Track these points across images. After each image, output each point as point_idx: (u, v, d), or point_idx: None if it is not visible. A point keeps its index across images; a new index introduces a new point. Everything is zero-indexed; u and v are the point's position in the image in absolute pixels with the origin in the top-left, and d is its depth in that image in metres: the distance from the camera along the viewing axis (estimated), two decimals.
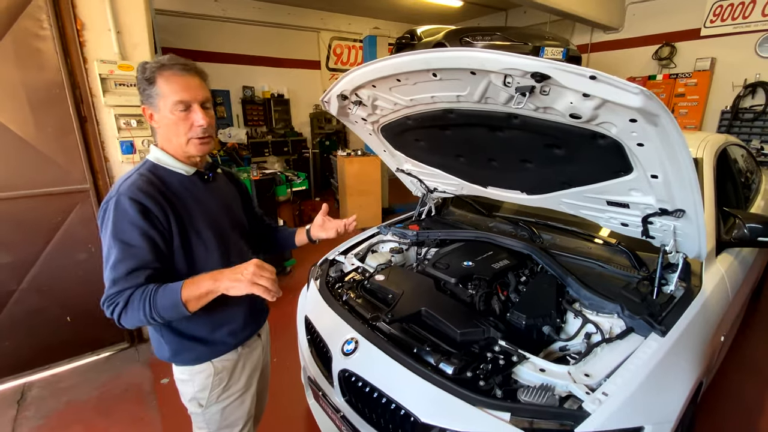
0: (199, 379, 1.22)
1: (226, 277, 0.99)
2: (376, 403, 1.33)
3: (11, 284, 2.39)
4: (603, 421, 1.05)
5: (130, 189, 1.04)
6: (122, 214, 1.01)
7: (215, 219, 1.21)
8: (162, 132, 1.13)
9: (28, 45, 2.17)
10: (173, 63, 1.06)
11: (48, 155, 2.33)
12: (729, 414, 2.13)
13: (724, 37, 5.61)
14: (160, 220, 1.05)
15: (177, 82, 1.06)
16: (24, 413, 2.27)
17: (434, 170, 2.12)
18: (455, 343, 1.39)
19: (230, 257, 1.23)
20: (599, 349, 1.29)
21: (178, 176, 1.16)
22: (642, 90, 0.92)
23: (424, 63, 1.21)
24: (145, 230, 1.02)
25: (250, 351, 1.33)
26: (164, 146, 1.16)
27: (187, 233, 1.12)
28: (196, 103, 1.08)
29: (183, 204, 1.13)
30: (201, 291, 1.00)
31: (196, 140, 1.11)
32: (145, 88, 1.07)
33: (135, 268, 1.01)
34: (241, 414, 1.31)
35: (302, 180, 4.01)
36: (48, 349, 2.56)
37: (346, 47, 8.73)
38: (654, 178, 1.24)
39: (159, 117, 1.10)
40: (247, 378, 1.32)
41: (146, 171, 1.11)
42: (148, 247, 1.03)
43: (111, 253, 1.01)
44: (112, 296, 1.00)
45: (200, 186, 1.20)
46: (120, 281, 1.00)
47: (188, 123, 1.09)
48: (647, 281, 1.55)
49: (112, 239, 1.01)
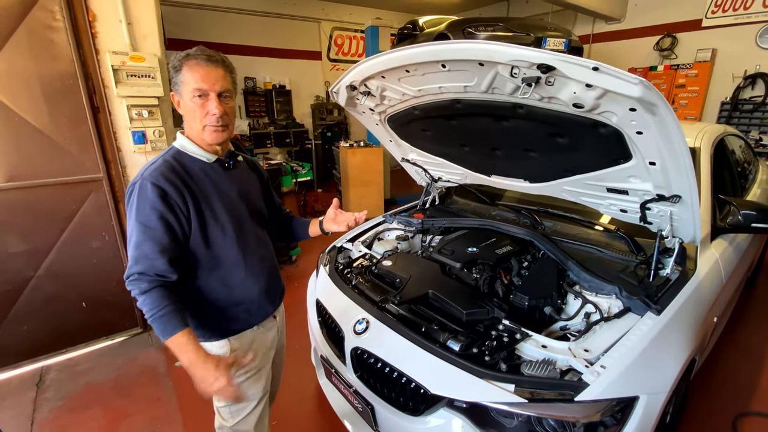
0: (220, 352, 1.29)
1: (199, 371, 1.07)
2: (387, 378, 1.41)
3: (28, 271, 2.47)
4: (601, 391, 1.13)
5: (153, 174, 1.13)
6: (144, 197, 1.11)
7: (233, 205, 1.28)
8: (185, 118, 1.21)
9: (41, 36, 2.21)
10: (199, 53, 1.13)
11: (62, 145, 2.39)
12: (721, 391, 2.22)
13: (725, 28, 5.62)
14: (179, 204, 1.14)
15: (199, 71, 1.12)
16: (43, 395, 2.36)
17: (439, 160, 2.18)
18: (461, 322, 1.46)
19: (247, 242, 1.31)
20: (598, 327, 1.37)
21: (200, 163, 1.23)
22: (641, 80, 0.98)
23: (434, 54, 1.27)
24: (163, 214, 1.11)
25: (265, 330, 1.40)
26: (188, 133, 1.23)
27: (204, 217, 1.20)
28: (213, 93, 1.14)
29: (202, 189, 1.20)
30: (178, 352, 1.09)
31: (211, 128, 1.18)
32: (172, 76, 1.15)
33: (157, 249, 1.10)
34: (258, 390, 1.38)
35: (307, 170, 4.06)
36: (64, 334, 2.64)
37: (347, 37, 8.70)
38: (652, 164, 1.31)
39: (183, 104, 1.18)
40: (262, 356, 1.39)
41: (170, 157, 1.19)
42: (165, 230, 1.12)
43: (133, 233, 1.12)
44: (133, 277, 1.10)
45: (220, 173, 1.27)
46: (141, 260, 1.10)
47: (204, 110, 1.15)
48: (644, 265, 1.62)
49: (135, 221, 1.11)
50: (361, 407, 1.52)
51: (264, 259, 1.38)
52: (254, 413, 1.39)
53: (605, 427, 1.14)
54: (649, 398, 1.18)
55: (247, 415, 1.37)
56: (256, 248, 1.34)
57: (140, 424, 2.11)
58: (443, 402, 1.28)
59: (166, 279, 1.12)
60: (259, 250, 1.35)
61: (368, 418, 1.50)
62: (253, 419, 1.39)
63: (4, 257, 2.38)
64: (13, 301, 2.46)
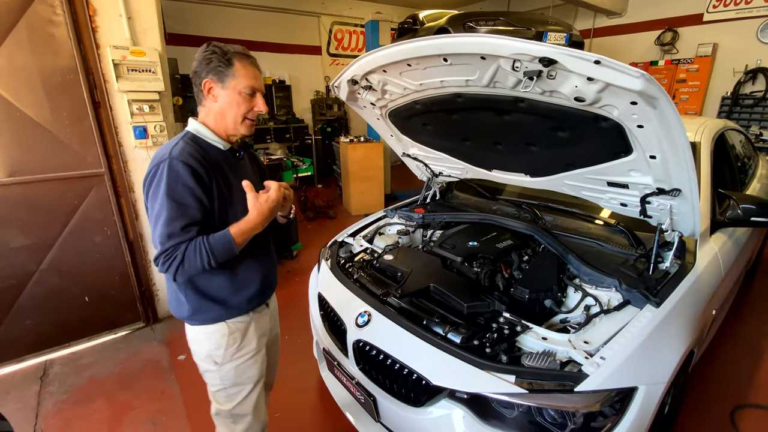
0: (215, 337, 1.32)
1: (259, 213, 1.19)
2: (389, 370, 1.43)
3: (31, 265, 2.48)
4: (600, 381, 1.14)
5: (182, 154, 1.15)
6: (175, 175, 1.13)
7: (243, 193, 1.30)
8: (218, 107, 1.22)
9: (42, 31, 2.21)
10: (248, 55, 1.23)
11: (63, 140, 2.39)
12: (720, 383, 2.24)
13: (726, 22, 5.61)
14: (207, 184, 1.18)
15: (251, 71, 1.22)
16: (47, 388, 2.38)
17: (440, 154, 2.18)
18: (462, 315, 1.48)
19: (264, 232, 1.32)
20: (598, 319, 1.38)
21: (216, 149, 1.27)
22: (642, 74, 0.99)
23: (436, 48, 1.27)
24: (195, 191, 1.15)
25: (260, 316, 1.44)
26: (206, 120, 1.26)
27: (224, 199, 1.24)
28: (260, 92, 1.25)
29: (222, 173, 1.25)
30: (250, 232, 1.19)
31: (249, 121, 1.27)
32: (218, 66, 1.17)
33: (187, 224, 1.13)
34: (253, 373, 1.41)
35: (307, 166, 4.07)
36: (68, 328, 2.66)
37: (347, 32, 8.66)
38: (652, 158, 1.32)
39: (223, 94, 1.20)
40: (257, 340, 1.41)
41: (190, 140, 1.22)
42: (198, 206, 1.16)
43: (163, 210, 1.12)
44: (169, 251, 1.11)
45: (232, 161, 1.31)
46: (175, 236, 1.12)
47: (250, 105, 1.24)
48: (644, 258, 1.63)
49: (166, 198, 1.12)
50: (364, 399, 1.54)
51: (267, 248, 1.43)
52: (251, 397, 1.41)
53: (604, 417, 1.16)
54: (647, 389, 1.20)
55: (243, 399, 1.40)
56: (261, 237, 1.36)
57: (144, 417, 2.13)
58: (445, 393, 1.29)
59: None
60: (263, 239, 1.38)
61: (370, 409, 1.52)
62: (250, 403, 1.41)
63: (7, 252, 2.39)
64: (16, 296, 2.48)
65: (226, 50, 1.18)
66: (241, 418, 1.42)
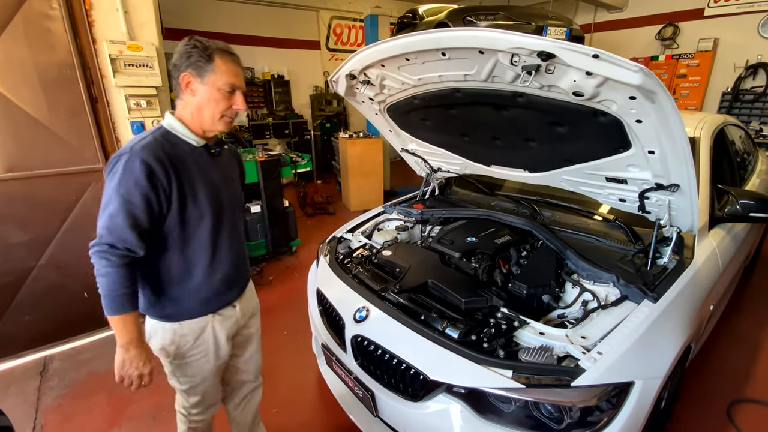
0: (169, 334, 1.31)
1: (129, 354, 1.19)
2: (387, 365, 1.43)
3: (30, 261, 2.48)
4: (597, 376, 1.15)
5: (143, 150, 1.13)
6: (129, 171, 1.11)
7: (215, 190, 1.30)
8: (196, 102, 1.20)
9: (38, 25, 2.19)
10: (231, 51, 1.21)
11: (61, 136, 2.38)
12: (717, 378, 2.25)
13: (727, 17, 5.58)
14: (163, 184, 1.16)
15: (232, 67, 1.20)
16: (47, 383, 2.39)
17: (439, 150, 2.18)
18: (460, 311, 1.48)
19: (221, 229, 1.33)
20: (595, 314, 1.39)
21: (188, 146, 1.25)
22: (641, 68, 0.98)
23: (434, 42, 1.26)
24: (146, 191, 1.12)
25: (223, 319, 1.40)
26: (183, 116, 1.24)
27: (186, 198, 1.22)
28: (240, 90, 1.24)
29: (187, 171, 1.22)
30: (119, 330, 1.18)
31: (227, 119, 1.25)
32: (198, 60, 1.15)
33: (130, 222, 1.12)
34: (207, 372, 1.42)
35: (306, 161, 4.05)
36: (67, 324, 2.66)
37: (346, 27, 8.61)
38: (651, 153, 1.31)
39: (201, 89, 1.18)
40: (214, 342, 1.39)
41: (160, 136, 1.20)
42: (144, 207, 1.13)
43: (110, 203, 1.12)
44: (105, 247, 1.11)
45: (206, 158, 1.29)
46: (114, 231, 1.11)
47: (229, 103, 1.22)
48: (642, 254, 1.63)
49: (115, 192, 1.11)
50: (362, 393, 1.55)
51: (233, 247, 1.39)
52: (202, 385, 1.43)
53: (601, 412, 1.16)
54: (644, 383, 1.20)
55: (194, 386, 1.42)
56: (229, 236, 1.36)
57: (143, 411, 2.14)
58: (442, 388, 1.30)
59: (134, 254, 1.15)
60: (230, 238, 1.37)
61: (369, 404, 1.53)
62: (200, 389, 1.44)
63: (5, 248, 2.39)
64: (15, 292, 2.48)
65: (208, 45, 1.17)
66: (194, 395, 1.45)
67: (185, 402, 1.47)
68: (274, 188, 3.75)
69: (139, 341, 1.20)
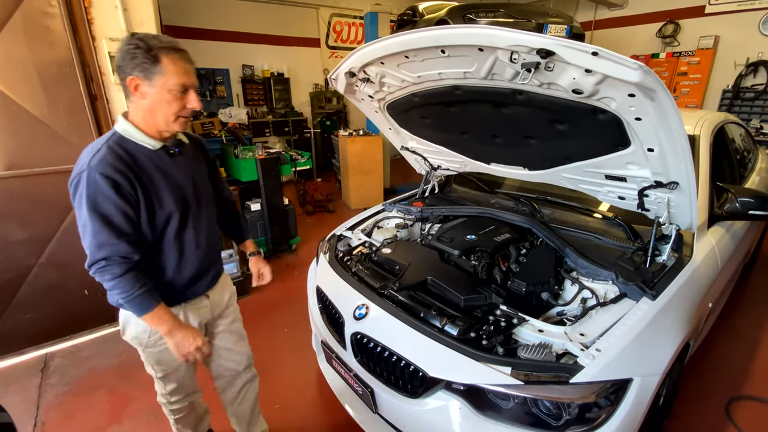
0: (140, 324, 1.32)
1: (176, 337, 1.25)
2: (387, 362, 1.44)
3: (30, 259, 2.48)
4: (596, 373, 1.15)
5: (100, 164, 1.11)
6: (94, 188, 1.10)
7: (180, 191, 1.29)
8: (147, 105, 1.16)
9: (37, 23, 2.19)
10: (178, 48, 1.15)
11: (60, 133, 2.38)
12: (715, 375, 2.26)
13: (728, 14, 5.56)
14: (130, 193, 1.15)
15: (181, 66, 1.15)
16: (48, 380, 2.40)
17: (439, 147, 2.18)
18: (459, 308, 1.48)
19: (189, 229, 1.33)
20: (594, 312, 1.39)
21: (145, 150, 1.21)
22: (640, 65, 0.98)
23: (433, 40, 1.26)
24: (118, 203, 1.12)
25: (195, 308, 1.44)
26: (136, 119, 1.20)
27: (152, 205, 1.22)
28: (192, 88, 1.19)
29: (148, 176, 1.21)
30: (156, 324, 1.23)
31: (183, 119, 1.22)
32: (144, 62, 1.09)
33: (115, 234, 1.12)
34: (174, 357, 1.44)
35: (306, 159, 4.05)
36: (67, 321, 2.67)
37: (346, 24, 8.58)
38: (650, 151, 1.31)
39: (151, 92, 1.13)
40: None
41: (114, 144, 1.16)
42: (123, 217, 1.14)
43: (88, 223, 1.11)
44: (102, 263, 1.12)
45: (166, 160, 1.27)
46: (104, 246, 1.11)
47: (182, 103, 1.18)
48: (641, 251, 1.64)
49: (89, 212, 1.10)
50: (361, 390, 1.56)
51: (200, 245, 1.39)
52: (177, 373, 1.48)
53: (599, 408, 1.17)
54: (642, 380, 1.21)
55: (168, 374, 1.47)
56: (196, 234, 1.37)
57: (144, 408, 2.14)
58: (441, 384, 1.30)
59: (132, 259, 1.16)
60: (198, 236, 1.37)
61: (368, 400, 1.53)
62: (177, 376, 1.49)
63: (5, 246, 2.39)
64: (15, 289, 2.48)
65: (152, 45, 1.09)
66: (170, 382, 1.49)
67: (162, 389, 1.51)
68: (274, 186, 3.75)
69: (177, 325, 1.26)
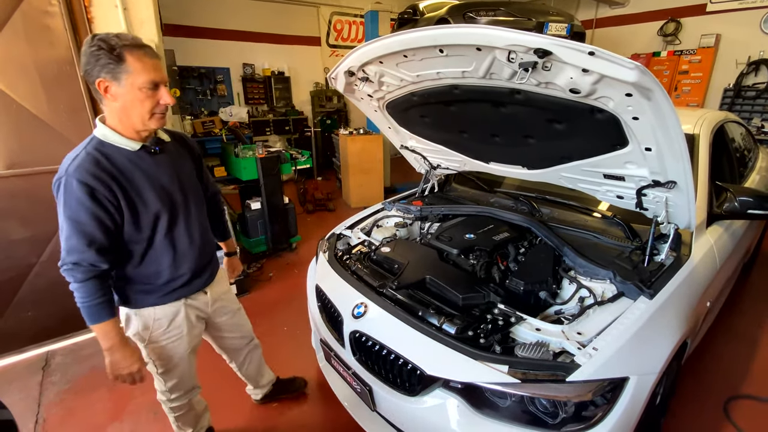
0: (141, 320, 1.38)
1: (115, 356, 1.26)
2: (385, 360, 1.45)
3: (31, 258, 2.50)
4: (592, 371, 1.16)
5: (77, 171, 1.13)
6: (70, 194, 1.13)
7: (164, 190, 1.30)
8: (119, 107, 1.16)
9: (37, 22, 2.20)
10: (141, 44, 1.15)
11: (61, 132, 2.39)
12: (714, 374, 2.27)
13: (730, 13, 5.55)
14: (108, 198, 1.16)
15: (148, 62, 1.14)
16: (49, 378, 2.41)
17: (438, 146, 2.18)
18: (457, 307, 1.49)
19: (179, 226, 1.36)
20: (591, 311, 1.39)
21: (125, 152, 1.22)
22: (637, 65, 0.99)
23: (431, 39, 1.26)
24: (92, 210, 1.14)
25: (195, 303, 1.49)
26: (113, 122, 1.21)
27: (136, 206, 1.23)
28: (163, 83, 1.20)
29: (130, 179, 1.22)
30: (101, 337, 1.24)
31: (158, 115, 1.22)
32: (109, 63, 1.09)
33: (85, 242, 1.16)
34: (181, 353, 1.49)
35: (306, 158, 4.06)
36: (69, 319, 2.67)
37: (346, 23, 8.58)
38: (648, 150, 1.32)
39: (121, 92, 1.13)
40: (188, 324, 1.47)
41: (93, 149, 1.18)
42: (95, 225, 1.16)
43: (63, 226, 1.17)
44: (69, 265, 1.17)
45: (147, 159, 1.28)
46: (73, 252, 1.16)
47: (155, 100, 1.18)
48: (639, 251, 1.64)
49: (64, 216, 1.15)
50: (360, 388, 1.56)
51: (194, 240, 1.42)
52: (178, 368, 1.51)
53: (596, 407, 1.17)
54: (639, 379, 1.21)
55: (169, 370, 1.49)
56: (187, 231, 1.39)
57: (145, 406, 2.16)
58: (439, 383, 1.31)
59: (99, 268, 1.19)
60: (190, 233, 1.40)
61: (366, 398, 1.54)
62: (177, 371, 1.51)
63: (6, 244, 2.41)
64: (17, 288, 2.50)
65: (114, 44, 1.09)
66: (170, 378, 1.51)
67: (162, 386, 1.53)
68: (274, 185, 3.76)
69: (120, 344, 1.26)
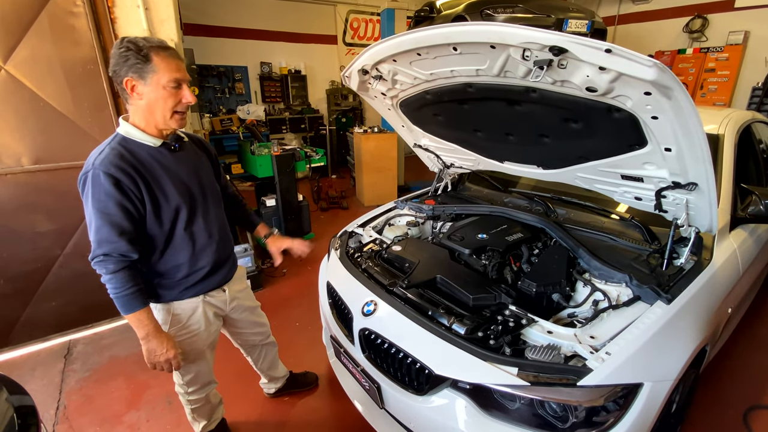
0: (161, 315, 1.42)
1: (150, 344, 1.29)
2: (394, 358, 1.45)
3: (56, 249, 2.59)
4: (604, 376, 1.13)
5: (103, 163, 1.18)
6: (98, 186, 1.17)
7: (184, 186, 1.35)
8: (144, 104, 1.23)
9: (62, 22, 2.27)
10: (166, 46, 1.22)
11: (85, 129, 2.47)
12: (734, 383, 2.19)
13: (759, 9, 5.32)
14: (132, 190, 1.21)
15: (172, 62, 1.21)
16: (71, 366, 2.50)
17: (451, 145, 2.16)
18: (468, 307, 1.47)
19: (199, 221, 1.39)
20: (605, 314, 1.36)
21: (146, 148, 1.28)
22: (655, 63, 0.96)
23: (445, 37, 1.25)
24: (119, 200, 1.19)
25: (213, 300, 1.53)
26: (136, 120, 1.27)
27: (157, 200, 1.28)
28: (185, 83, 1.25)
29: (152, 173, 1.27)
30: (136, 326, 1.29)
31: (179, 114, 1.27)
32: (137, 63, 1.16)
33: (116, 232, 1.19)
34: (199, 348, 1.53)
35: (321, 156, 4.09)
36: (90, 310, 2.78)
37: (363, 21, 8.58)
38: (668, 151, 1.28)
39: (147, 91, 1.20)
40: (206, 320, 1.50)
41: (117, 144, 1.24)
42: (123, 215, 1.20)
43: (92, 219, 1.20)
44: (100, 257, 1.21)
45: (168, 155, 1.33)
46: (104, 243, 1.20)
47: (177, 98, 1.24)
48: (658, 254, 1.59)
49: (93, 209, 1.19)
50: (368, 385, 1.57)
51: (212, 236, 1.45)
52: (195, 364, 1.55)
53: (607, 412, 1.15)
54: (653, 385, 1.18)
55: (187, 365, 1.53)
56: (206, 227, 1.42)
57: (160, 396, 2.22)
58: (447, 383, 1.31)
59: (129, 258, 1.23)
60: (208, 228, 1.43)
61: (375, 396, 1.55)
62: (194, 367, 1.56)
63: (32, 236, 2.51)
64: (41, 278, 2.60)
65: (141, 46, 1.16)
66: (188, 372, 1.55)
67: (180, 380, 1.57)
68: (289, 182, 3.80)
69: (155, 332, 1.30)
